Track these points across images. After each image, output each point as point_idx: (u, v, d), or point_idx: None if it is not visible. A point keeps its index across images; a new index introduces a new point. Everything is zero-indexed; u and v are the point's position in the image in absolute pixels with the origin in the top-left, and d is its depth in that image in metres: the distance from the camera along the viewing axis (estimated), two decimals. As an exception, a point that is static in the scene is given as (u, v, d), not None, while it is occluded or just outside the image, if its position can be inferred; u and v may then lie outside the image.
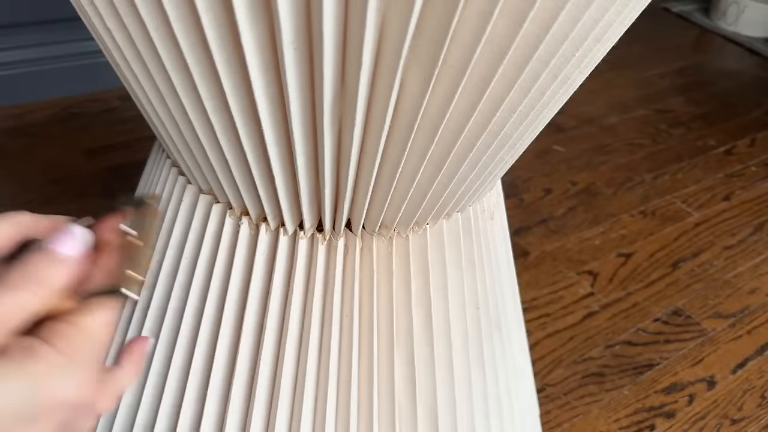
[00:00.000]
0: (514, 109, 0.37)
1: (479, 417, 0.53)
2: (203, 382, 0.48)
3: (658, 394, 0.88)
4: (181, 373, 0.48)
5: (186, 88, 0.34)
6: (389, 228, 0.45)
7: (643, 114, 1.51)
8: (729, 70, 1.78)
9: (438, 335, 0.49)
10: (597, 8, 0.33)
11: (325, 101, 0.32)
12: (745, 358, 0.94)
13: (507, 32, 0.31)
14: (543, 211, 1.18)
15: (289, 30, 0.29)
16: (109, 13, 0.33)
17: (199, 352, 0.47)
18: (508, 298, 0.59)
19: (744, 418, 0.86)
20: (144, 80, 0.36)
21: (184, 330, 0.47)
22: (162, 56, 0.33)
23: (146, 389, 0.50)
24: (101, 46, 0.38)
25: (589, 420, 0.83)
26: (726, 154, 1.41)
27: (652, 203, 1.23)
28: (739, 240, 1.16)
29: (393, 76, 0.31)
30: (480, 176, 0.43)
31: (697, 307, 1.02)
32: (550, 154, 1.33)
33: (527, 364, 0.66)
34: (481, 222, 0.52)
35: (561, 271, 1.05)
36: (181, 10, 0.30)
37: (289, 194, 0.41)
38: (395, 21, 0.29)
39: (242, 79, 0.33)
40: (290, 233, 0.44)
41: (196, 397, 0.48)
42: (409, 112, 0.34)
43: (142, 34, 0.32)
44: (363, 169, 0.38)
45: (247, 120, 0.35)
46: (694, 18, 2.03)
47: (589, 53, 0.37)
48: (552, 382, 0.87)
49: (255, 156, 0.38)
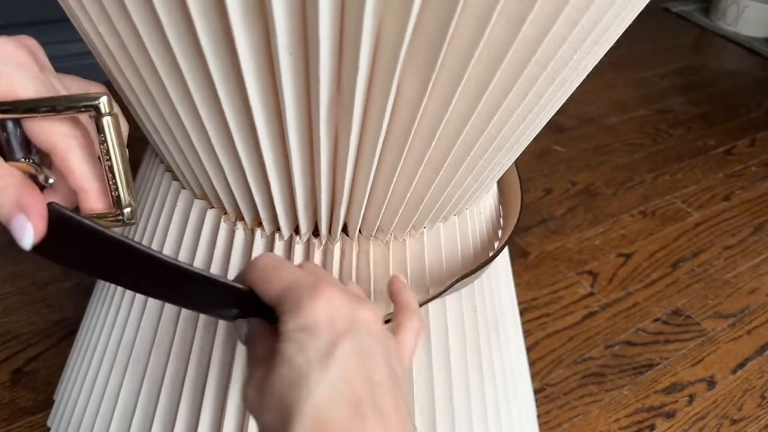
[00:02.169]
0: (511, 112, 0.37)
1: (477, 420, 0.52)
2: (198, 389, 0.47)
3: (658, 394, 0.87)
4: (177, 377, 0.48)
5: (180, 94, 0.34)
6: (386, 232, 0.44)
7: (643, 114, 1.51)
8: (729, 70, 1.78)
9: (435, 338, 0.48)
10: (595, 11, 0.32)
11: (321, 106, 0.32)
12: (745, 358, 0.94)
13: (505, 35, 0.31)
14: (543, 211, 1.17)
15: (284, 34, 0.29)
16: (100, 18, 0.32)
17: (194, 358, 0.47)
18: (505, 300, 0.59)
19: (744, 418, 0.86)
20: (136, 86, 0.36)
21: (178, 336, 0.47)
22: (155, 62, 0.32)
23: (141, 395, 0.50)
24: (93, 51, 0.37)
25: (589, 420, 0.83)
26: (726, 154, 1.40)
27: (652, 203, 1.23)
28: (739, 240, 1.16)
29: (390, 81, 0.31)
30: (477, 179, 0.42)
31: (697, 307, 1.01)
32: (550, 154, 1.33)
33: (524, 366, 0.65)
34: (478, 224, 0.52)
35: (561, 271, 1.05)
36: (173, 15, 0.29)
37: (285, 199, 0.40)
38: (392, 24, 0.29)
39: (237, 85, 0.32)
40: (286, 238, 0.44)
41: (190, 404, 0.48)
42: (406, 116, 0.34)
43: (135, 40, 0.32)
44: (359, 174, 0.38)
45: (242, 126, 0.35)
46: (694, 18, 2.02)
47: (587, 55, 0.37)
48: (552, 382, 0.87)
49: (250, 162, 0.37)
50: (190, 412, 0.48)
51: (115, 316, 0.52)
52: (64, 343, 0.83)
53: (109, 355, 0.53)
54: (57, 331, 0.84)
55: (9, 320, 0.85)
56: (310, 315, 0.31)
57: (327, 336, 0.31)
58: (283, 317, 0.32)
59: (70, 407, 0.59)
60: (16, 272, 0.92)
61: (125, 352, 0.51)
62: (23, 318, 0.86)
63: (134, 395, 0.50)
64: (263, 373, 0.31)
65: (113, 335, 0.52)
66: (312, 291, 0.32)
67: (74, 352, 0.62)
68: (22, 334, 0.84)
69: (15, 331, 0.84)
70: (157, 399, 0.49)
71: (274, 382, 0.30)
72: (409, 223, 0.44)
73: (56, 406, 0.67)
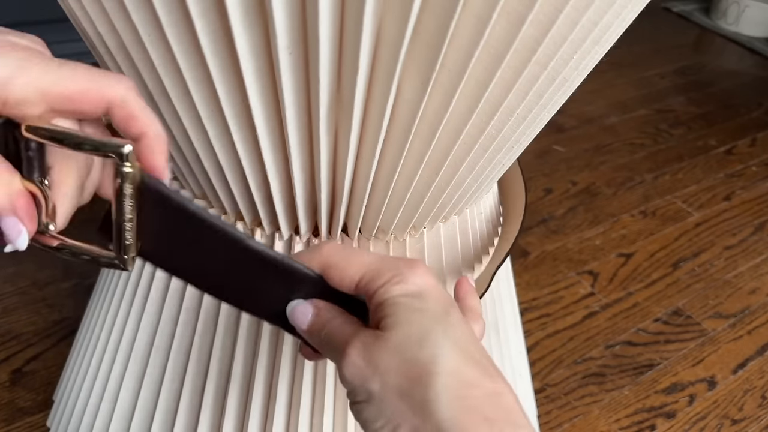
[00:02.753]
0: (512, 111, 0.36)
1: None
2: (198, 389, 0.47)
3: (658, 395, 0.87)
4: (177, 377, 0.48)
5: (179, 93, 0.34)
6: (386, 232, 0.44)
7: (643, 114, 1.51)
8: (729, 70, 1.78)
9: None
10: (595, 10, 0.32)
11: (321, 106, 0.32)
12: (746, 359, 0.94)
13: (505, 35, 0.31)
14: (543, 211, 1.17)
15: (284, 34, 0.29)
16: (100, 18, 0.32)
17: (194, 358, 0.47)
18: (505, 301, 0.59)
19: (744, 419, 0.86)
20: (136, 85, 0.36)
21: (178, 336, 0.47)
22: (154, 62, 0.32)
23: (141, 395, 0.50)
24: (92, 50, 0.37)
25: (590, 420, 0.83)
26: (726, 153, 1.40)
27: (652, 203, 1.23)
28: (740, 240, 1.16)
29: (390, 80, 0.31)
30: (477, 179, 0.42)
31: (698, 307, 1.01)
32: (550, 154, 1.33)
33: (525, 366, 0.65)
34: (478, 224, 0.52)
35: (561, 271, 1.05)
36: (173, 15, 0.29)
37: (285, 200, 0.40)
38: (392, 24, 0.29)
39: (236, 85, 0.32)
40: (286, 238, 0.44)
41: (190, 404, 0.48)
42: (406, 116, 0.34)
43: (134, 40, 0.32)
44: (359, 174, 0.38)
45: (241, 126, 0.35)
46: (695, 18, 2.02)
47: (588, 55, 0.37)
48: (552, 382, 0.87)
49: (250, 162, 0.37)
50: (190, 412, 0.48)
51: (115, 316, 0.52)
52: (64, 343, 0.83)
53: (109, 355, 0.53)
54: (57, 331, 0.84)
55: (9, 320, 0.85)
56: (416, 283, 0.31)
57: (438, 301, 0.31)
58: (385, 286, 0.31)
59: (70, 407, 0.59)
60: (16, 272, 0.92)
61: (125, 352, 0.51)
62: (23, 318, 0.86)
63: (134, 395, 0.50)
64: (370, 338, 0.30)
65: (113, 335, 0.52)
66: (410, 263, 0.32)
67: (74, 352, 0.62)
68: (22, 334, 0.83)
69: (15, 331, 0.84)
70: (157, 399, 0.49)
71: (398, 339, 0.29)
72: (409, 223, 0.44)
73: (56, 406, 0.67)
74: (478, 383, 0.29)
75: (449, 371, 0.28)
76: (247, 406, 0.47)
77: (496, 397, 0.29)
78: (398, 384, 0.29)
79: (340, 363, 0.31)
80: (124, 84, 0.28)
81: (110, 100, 0.28)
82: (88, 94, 0.27)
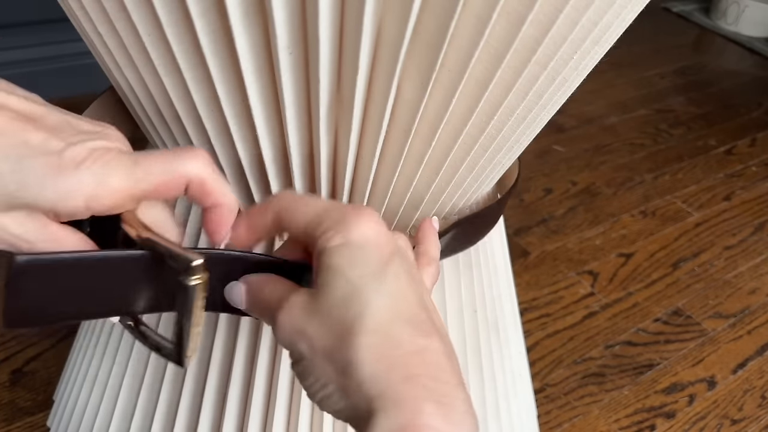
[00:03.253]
0: (512, 111, 0.37)
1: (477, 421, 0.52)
2: (198, 389, 0.47)
3: (658, 395, 0.87)
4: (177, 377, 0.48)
5: (179, 93, 0.34)
6: (387, 232, 0.44)
7: (643, 114, 1.51)
8: (729, 70, 1.78)
9: (436, 339, 0.48)
10: (595, 10, 0.32)
11: (321, 106, 0.32)
12: (746, 359, 0.94)
13: (505, 35, 0.31)
14: (543, 211, 1.17)
15: (284, 34, 0.29)
16: (100, 18, 0.32)
17: (194, 359, 0.47)
18: (505, 300, 0.59)
19: (744, 419, 0.86)
20: (135, 85, 0.36)
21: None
22: (154, 61, 0.32)
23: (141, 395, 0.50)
24: (92, 50, 0.37)
25: (590, 420, 0.83)
26: (726, 154, 1.40)
27: (652, 203, 1.23)
28: (740, 240, 1.16)
29: (390, 80, 0.31)
30: (477, 179, 0.42)
31: (698, 307, 1.01)
32: (550, 154, 1.33)
33: (525, 366, 0.65)
34: (480, 225, 0.52)
35: (561, 271, 1.05)
36: (173, 15, 0.29)
37: (285, 199, 0.40)
38: (392, 24, 0.29)
39: (236, 85, 0.32)
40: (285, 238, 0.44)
41: (190, 404, 0.48)
42: (406, 116, 0.34)
43: (134, 40, 0.32)
44: (359, 174, 0.38)
45: (241, 125, 0.35)
46: (695, 18, 2.02)
47: (588, 55, 0.37)
48: (552, 382, 0.87)
49: (249, 161, 0.37)
50: (190, 412, 0.48)
51: (115, 316, 0.52)
52: (64, 343, 0.83)
53: (109, 355, 0.53)
54: (57, 331, 0.84)
55: (9, 320, 0.85)
56: (358, 231, 0.30)
57: (377, 253, 0.30)
58: (324, 236, 0.30)
59: (70, 407, 0.59)
60: (16, 272, 0.92)
61: (125, 352, 0.51)
62: (23, 318, 0.86)
63: (134, 395, 0.50)
64: (302, 299, 0.30)
65: (113, 335, 0.52)
66: (356, 211, 0.31)
67: (74, 352, 0.62)
68: (22, 334, 0.83)
69: (15, 331, 0.84)
70: (157, 399, 0.49)
71: (325, 299, 0.29)
72: (410, 223, 0.44)
73: (56, 406, 0.67)
74: (405, 340, 0.28)
75: (373, 329, 0.28)
76: (247, 406, 0.47)
77: (422, 353, 0.28)
78: (324, 345, 0.29)
79: (273, 328, 0.31)
80: (199, 161, 0.29)
81: (188, 181, 0.29)
82: (168, 185, 0.28)
